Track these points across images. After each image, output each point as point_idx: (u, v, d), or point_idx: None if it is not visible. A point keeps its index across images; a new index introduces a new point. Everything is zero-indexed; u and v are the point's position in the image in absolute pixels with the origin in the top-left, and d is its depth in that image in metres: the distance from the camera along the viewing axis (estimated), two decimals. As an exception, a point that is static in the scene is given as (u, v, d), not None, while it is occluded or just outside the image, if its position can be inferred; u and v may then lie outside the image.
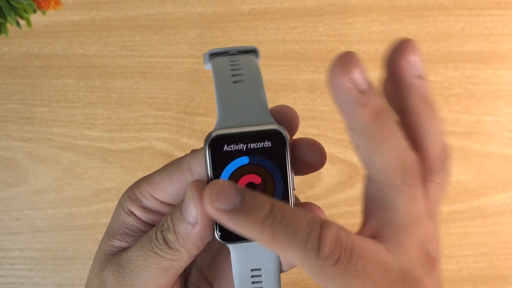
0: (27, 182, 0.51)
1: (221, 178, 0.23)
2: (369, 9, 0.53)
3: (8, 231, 0.51)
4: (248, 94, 0.24)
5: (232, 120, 0.23)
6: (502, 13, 0.53)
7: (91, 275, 0.27)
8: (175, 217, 0.24)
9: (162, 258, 0.24)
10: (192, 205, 0.23)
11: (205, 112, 0.52)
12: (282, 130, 0.23)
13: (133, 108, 0.52)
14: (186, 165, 0.25)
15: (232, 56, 0.26)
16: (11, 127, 0.52)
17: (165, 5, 0.53)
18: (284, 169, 0.23)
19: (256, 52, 0.27)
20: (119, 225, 0.26)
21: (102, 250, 0.27)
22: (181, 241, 0.23)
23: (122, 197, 0.27)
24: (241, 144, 0.23)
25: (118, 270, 0.25)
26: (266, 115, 0.23)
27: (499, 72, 0.53)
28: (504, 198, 0.52)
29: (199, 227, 0.23)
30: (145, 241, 0.25)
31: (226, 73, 0.25)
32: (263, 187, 0.24)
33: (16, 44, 0.52)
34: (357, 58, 0.21)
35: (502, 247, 0.52)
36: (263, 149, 0.23)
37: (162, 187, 0.25)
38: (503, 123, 0.52)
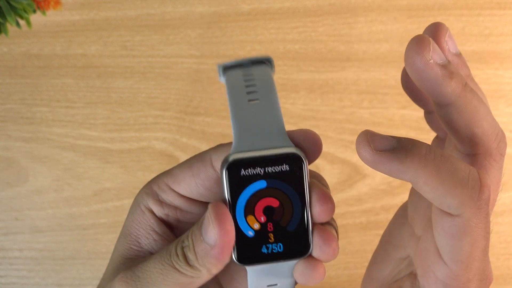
0: (27, 182, 0.51)
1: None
2: (369, 9, 0.53)
3: (8, 231, 0.51)
4: (264, 115, 0.24)
5: (249, 143, 0.23)
6: (502, 13, 0.53)
7: (106, 276, 0.27)
8: (195, 237, 0.24)
9: (182, 274, 0.24)
10: (211, 228, 0.23)
11: (205, 112, 0.52)
12: (300, 154, 0.23)
13: (133, 108, 0.52)
14: (208, 158, 0.25)
15: (246, 69, 0.26)
16: (11, 127, 0.52)
17: (165, 5, 0.53)
18: (303, 193, 0.23)
19: (270, 61, 0.27)
20: (134, 224, 0.26)
21: (120, 252, 0.26)
22: (200, 260, 0.23)
23: (138, 195, 0.27)
24: (258, 168, 0.23)
25: (133, 279, 0.25)
26: (283, 138, 0.23)
27: (499, 72, 0.53)
28: (504, 198, 0.52)
29: (218, 250, 0.23)
30: (164, 254, 0.24)
31: (240, 91, 0.25)
32: (281, 210, 0.23)
33: (16, 44, 0.52)
34: (429, 38, 0.22)
35: (502, 247, 0.52)
36: (281, 172, 0.23)
37: (183, 178, 0.25)
38: (503, 123, 0.52)
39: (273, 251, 0.24)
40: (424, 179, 0.21)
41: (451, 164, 0.21)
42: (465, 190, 0.21)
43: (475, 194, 0.21)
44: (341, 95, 0.52)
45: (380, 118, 0.52)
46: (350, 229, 0.51)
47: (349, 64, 0.52)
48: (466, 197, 0.21)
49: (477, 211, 0.22)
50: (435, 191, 0.22)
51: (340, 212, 0.51)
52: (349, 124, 0.52)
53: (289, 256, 0.24)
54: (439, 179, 0.21)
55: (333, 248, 0.23)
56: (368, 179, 0.51)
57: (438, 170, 0.21)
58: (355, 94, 0.52)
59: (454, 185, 0.21)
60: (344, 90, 0.52)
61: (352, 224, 0.51)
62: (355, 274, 0.51)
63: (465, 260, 0.22)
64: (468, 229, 0.22)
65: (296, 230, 0.23)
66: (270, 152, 0.23)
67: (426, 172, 0.21)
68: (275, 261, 0.24)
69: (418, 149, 0.22)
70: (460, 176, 0.21)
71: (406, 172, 0.22)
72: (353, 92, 0.52)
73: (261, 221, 0.23)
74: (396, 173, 0.22)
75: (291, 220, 0.23)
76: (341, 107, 0.52)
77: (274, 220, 0.23)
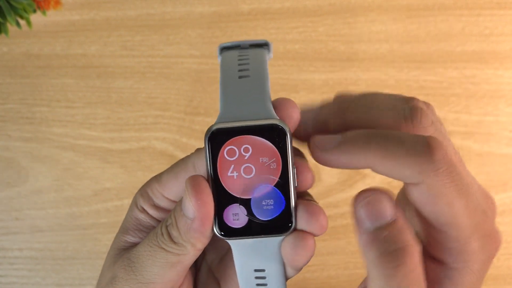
0: (27, 182, 0.51)
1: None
2: (369, 9, 0.53)
3: (8, 231, 0.51)
4: (252, 89, 0.24)
5: (233, 114, 0.23)
6: (502, 13, 0.53)
7: (104, 268, 0.27)
8: (177, 213, 0.24)
9: (169, 253, 0.24)
10: (188, 201, 0.23)
11: (205, 112, 0.52)
12: (284, 125, 0.23)
13: (133, 108, 0.52)
14: (191, 164, 0.25)
15: (242, 50, 0.26)
16: (11, 127, 0.52)
17: (165, 5, 0.53)
18: (286, 164, 0.23)
19: (268, 45, 0.27)
20: (132, 221, 0.27)
21: (115, 245, 0.27)
22: (183, 236, 0.24)
23: (136, 195, 0.27)
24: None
25: (128, 265, 0.25)
26: (268, 110, 0.23)
27: (499, 72, 0.53)
28: (504, 198, 0.52)
29: (198, 222, 0.23)
30: (151, 236, 0.25)
31: (233, 68, 0.25)
32: None
33: (16, 44, 0.52)
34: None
35: (502, 247, 0.52)
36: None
37: (170, 186, 0.26)
38: (503, 123, 0.52)
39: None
40: (374, 161, 0.22)
41: (396, 138, 0.22)
42: (416, 157, 0.22)
43: (427, 158, 0.22)
44: (341, 95, 0.52)
45: (380, 118, 0.52)
46: (350, 229, 0.51)
47: (349, 64, 0.52)
48: (419, 164, 0.22)
49: (436, 173, 0.22)
50: (390, 169, 0.22)
51: (340, 212, 0.51)
52: (349, 124, 0.52)
53: (272, 232, 0.23)
54: (389, 156, 0.22)
55: (320, 221, 0.23)
56: (368, 179, 0.51)
57: (384, 148, 0.22)
58: (355, 94, 0.52)
59: (403, 156, 0.22)
60: (344, 90, 0.52)
61: (352, 224, 0.51)
62: (355, 274, 0.51)
63: (450, 221, 0.23)
64: (437, 192, 0.22)
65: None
66: (254, 123, 0.23)
67: (375, 153, 0.22)
68: (258, 235, 0.23)
69: (361, 136, 0.22)
70: (407, 146, 0.22)
71: (358, 160, 0.22)
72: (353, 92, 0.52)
73: None
74: (350, 164, 0.22)
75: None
76: (341, 107, 0.52)
77: None
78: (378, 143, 0.22)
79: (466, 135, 0.52)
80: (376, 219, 0.22)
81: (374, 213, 0.22)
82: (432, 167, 0.22)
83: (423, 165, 0.22)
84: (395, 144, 0.22)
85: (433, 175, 0.22)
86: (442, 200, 0.22)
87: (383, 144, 0.22)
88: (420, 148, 0.22)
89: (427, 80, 0.52)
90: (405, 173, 0.22)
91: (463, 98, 0.52)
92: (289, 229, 0.23)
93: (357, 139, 0.22)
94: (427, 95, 0.52)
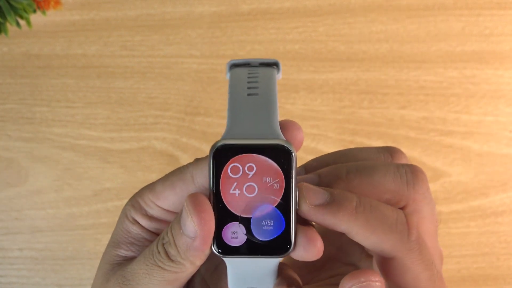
0: (27, 182, 0.51)
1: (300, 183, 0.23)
2: (369, 9, 0.53)
3: (8, 231, 0.51)
4: (260, 108, 0.24)
5: (240, 131, 0.23)
6: (502, 13, 0.53)
7: (96, 284, 0.26)
8: (175, 231, 0.23)
9: (166, 271, 0.24)
10: (189, 220, 0.22)
11: (205, 112, 0.52)
12: (289, 147, 0.23)
13: (133, 108, 0.52)
14: (189, 175, 0.25)
15: (252, 69, 0.26)
16: (11, 127, 0.52)
17: (165, 5, 0.53)
18: (289, 186, 0.23)
19: (278, 65, 0.27)
20: (123, 234, 0.26)
21: (107, 260, 0.26)
22: (182, 254, 0.23)
23: (126, 206, 0.27)
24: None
25: (123, 283, 0.25)
26: (275, 130, 0.23)
27: (499, 72, 0.53)
28: (504, 198, 0.52)
29: (199, 241, 0.23)
30: (147, 254, 0.24)
31: (242, 85, 0.25)
32: None
33: (16, 44, 0.52)
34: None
35: (502, 247, 0.52)
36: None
37: (165, 196, 0.25)
38: (503, 123, 0.52)
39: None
40: (356, 230, 0.23)
41: (380, 212, 0.23)
42: (395, 235, 0.23)
43: (404, 237, 0.23)
44: (341, 95, 0.52)
45: (380, 118, 0.52)
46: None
47: (349, 64, 0.52)
48: (397, 241, 0.23)
49: (409, 252, 0.23)
50: (368, 240, 0.23)
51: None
52: (349, 124, 0.52)
53: (269, 253, 0.23)
54: (369, 229, 0.23)
55: (317, 247, 0.23)
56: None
57: (368, 221, 0.22)
58: (355, 94, 0.52)
59: (383, 232, 0.23)
60: (344, 90, 0.52)
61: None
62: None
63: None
64: (407, 268, 0.23)
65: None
66: (260, 142, 0.23)
67: (357, 224, 0.23)
68: (255, 255, 0.23)
69: (349, 202, 0.23)
70: (389, 223, 0.23)
71: (339, 224, 0.23)
72: (353, 92, 0.52)
73: None
74: (331, 225, 0.23)
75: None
76: (341, 107, 0.52)
77: None
78: (364, 216, 0.23)
79: (466, 135, 0.52)
80: None
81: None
82: (407, 246, 0.23)
83: (400, 243, 0.23)
84: (379, 220, 0.23)
85: (406, 253, 0.23)
86: (409, 275, 0.23)
87: (369, 218, 0.23)
88: (400, 227, 0.23)
89: (427, 80, 0.52)
90: (381, 247, 0.23)
91: (463, 98, 0.52)
92: (288, 251, 0.23)
93: (346, 205, 0.23)
94: (427, 95, 0.52)
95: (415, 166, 0.25)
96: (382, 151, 0.26)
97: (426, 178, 0.25)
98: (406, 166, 0.25)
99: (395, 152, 0.26)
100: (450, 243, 0.52)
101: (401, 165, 0.25)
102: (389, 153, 0.26)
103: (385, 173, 0.24)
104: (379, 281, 0.23)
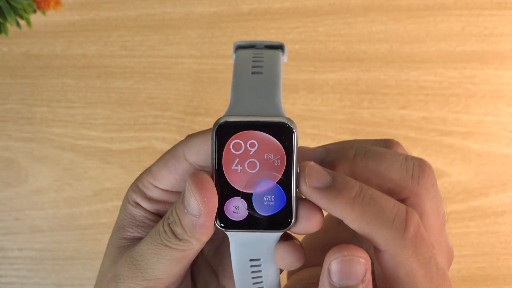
0: (27, 182, 0.51)
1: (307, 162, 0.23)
2: (369, 9, 0.53)
3: (8, 231, 0.51)
4: (263, 86, 0.24)
5: (242, 109, 0.23)
6: (502, 13, 0.53)
7: (103, 268, 0.27)
8: (179, 210, 0.24)
9: (174, 250, 0.24)
10: (193, 199, 0.23)
11: (205, 112, 0.52)
12: (291, 124, 0.23)
13: (133, 108, 0.52)
14: (181, 153, 0.25)
15: (257, 50, 0.26)
16: (11, 127, 0.52)
17: (165, 5, 0.53)
18: (290, 162, 0.23)
19: (283, 48, 0.27)
20: (127, 218, 0.27)
21: (114, 244, 0.27)
22: (188, 232, 0.24)
23: (127, 192, 0.27)
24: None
25: (132, 263, 0.25)
26: (277, 108, 0.23)
27: (499, 72, 0.53)
28: (504, 198, 0.52)
29: (203, 218, 0.23)
30: (154, 234, 0.25)
31: (246, 65, 0.25)
32: None
33: (16, 44, 0.52)
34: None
35: (502, 247, 0.52)
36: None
37: (161, 176, 0.26)
38: (503, 123, 0.52)
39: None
40: (350, 220, 0.23)
41: (379, 206, 0.22)
42: (389, 231, 0.22)
43: (399, 235, 0.22)
44: (341, 95, 0.52)
45: (380, 118, 0.52)
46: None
47: (349, 64, 0.52)
48: (390, 237, 0.22)
49: (403, 249, 0.23)
50: (361, 230, 0.23)
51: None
52: (349, 124, 0.52)
53: (271, 227, 0.23)
54: (364, 221, 0.22)
55: (318, 218, 0.23)
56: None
57: (364, 213, 0.22)
58: (355, 94, 0.52)
59: (378, 227, 0.22)
60: (344, 90, 0.52)
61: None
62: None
63: (408, 285, 0.24)
64: (399, 262, 0.23)
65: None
66: (262, 119, 0.23)
67: (352, 214, 0.22)
68: (257, 230, 0.24)
69: (348, 191, 0.22)
70: (385, 218, 0.22)
71: (334, 210, 0.23)
72: (353, 92, 0.52)
73: None
74: (326, 209, 0.23)
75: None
76: (341, 107, 0.52)
77: None
78: (361, 208, 0.22)
79: (466, 135, 0.52)
80: (346, 278, 0.23)
81: (346, 273, 0.23)
82: (401, 243, 0.22)
83: (393, 240, 0.22)
84: (376, 213, 0.22)
85: (399, 249, 0.23)
86: (401, 270, 0.23)
87: (366, 210, 0.22)
88: (396, 224, 0.22)
89: (427, 80, 0.52)
90: (374, 239, 0.23)
91: (463, 98, 0.52)
92: (289, 225, 0.23)
93: (344, 193, 0.22)
94: (427, 95, 0.52)
95: (424, 160, 0.25)
96: (378, 144, 0.26)
97: (433, 173, 0.25)
98: (414, 159, 0.24)
99: (393, 145, 0.26)
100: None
101: (410, 157, 0.24)
102: (385, 145, 0.26)
103: (393, 163, 0.24)
104: (363, 258, 0.23)
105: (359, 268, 0.23)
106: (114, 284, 0.25)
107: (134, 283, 0.25)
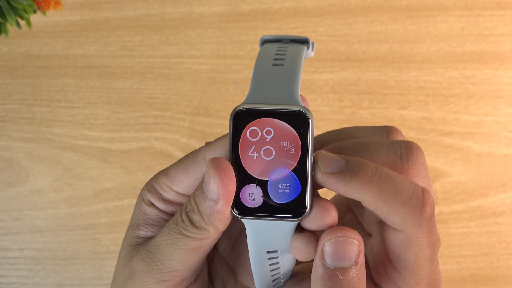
0: (27, 182, 0.51)
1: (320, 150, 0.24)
2: (369, 9, 0.53)
3: (8, 231, 0.51)
4: (282, 76, 0.24)
5: (260, 97, 0.24)
6: (502, 13, 0.53)
7: (119, 266, 0.27)
8: (198, 197, 0.24)
9: (191, 239, 0.24)
10: (212, 182, 0.23)
11: (205, 112, 0.52)
12: (307, 112, 0.23)
13: (133, 108, 0.52)
14: (202, 158, 0.25)
15: (282, 44, 0.27)
16: (11, 127, 0.52)
17: (165, 5, 0.53)
18: (305, 151, 0.23)
19: (308, 42, 0.27)
20: (141, 217, 0.27)
21: (128, 242, 0.27)
22: (206, 219, 0.24)
23: (142, 191, 0.27)
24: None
25: (148, 256, 0.25)
26: (294, 97, 0.24)
27: (499, 72, 0.53)
28: (504, 198, 0.52)
29: (222, 202, 0.23)
30: (171, 224, 0.25)
31: (269, 58, 0.25)
32: None
33: (16, 44, 0.52)
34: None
35: (502, 247, 0.52)
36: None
37: (179, 180, 0.26)
38: (503, 123, 0.52)
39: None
40: (368, 200, 0.23)
41: (395, 184, 0.23)
42: (407, 209, 0.23)
43: (417, 213, 0.23)
44: (341, 95, 0.52)
45: (380, 118, 0.52)
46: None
47: (349, 64, 0.52)
48: (408, 215, 0.23)
49: (419, 228, 0.23)
50: (379, 210, 0.23)
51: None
52: (349, 124, 0.52)
53: (286, 215, 0.24)
54: (382, 200, 0.22)
55: (333, 215, 0.23)
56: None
57: (381, 191, 0.22)
58: (355, 94, 0.52)
59: (396, 205, 0.23)
60: (344, 90, 0.52)
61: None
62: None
63: (411, 267, 0.24)
64: (412, 242, 0.23)
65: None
66: (279, 107, 0.23)
67: (370, 193, 0.22)
68: (271, 217, 0.24)
69: (363, 171, 0.23)
70: (402, 196, 0.23)
71: (351, 192, 0.23)
72: (353, 92, 0.52)
73: None
74: (343, 192, 0.23)
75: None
76: (341, 107, 0.52)
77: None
78: (378, 186, 0.22)
79: (466, 135, 0.52)
80: (339, 259, 0.23)
81: (340, 254, 0.23)
82: (418, 221, 0.23)
83: (411, 218, 0.23)
84: (393, 192, 0.23)
85: (415, 228, 0.23)
86: (412, 250, 0.23)
87: (383, 188, 0.22)
88: (414, 202, 0.23)
89: (427, 81, 0.52)
90: (391, 219, 0.23)
91: (463, 98, 0.52)
92: (303, 214, 0.23)
93: (359, 175, 0.23)
94: (427, 95, 0.52)
95: (411, 141, 0.25)
96: (378, 130, 0.26)
97: (422, 153, 0.25)
98: (401, 142, 0.25)
99: (392, 131, 0.26)
100: (450, 243, 0.52)
101: (396, 141, 0.25)
102: (385, 131, 0.26)
103: (378, 149, 0.24)
104: (356, 239, 0.23)
105: (353, 249, 0.23)
106: (130, 281, 0.25)
107: (149, 276, 0.25)
